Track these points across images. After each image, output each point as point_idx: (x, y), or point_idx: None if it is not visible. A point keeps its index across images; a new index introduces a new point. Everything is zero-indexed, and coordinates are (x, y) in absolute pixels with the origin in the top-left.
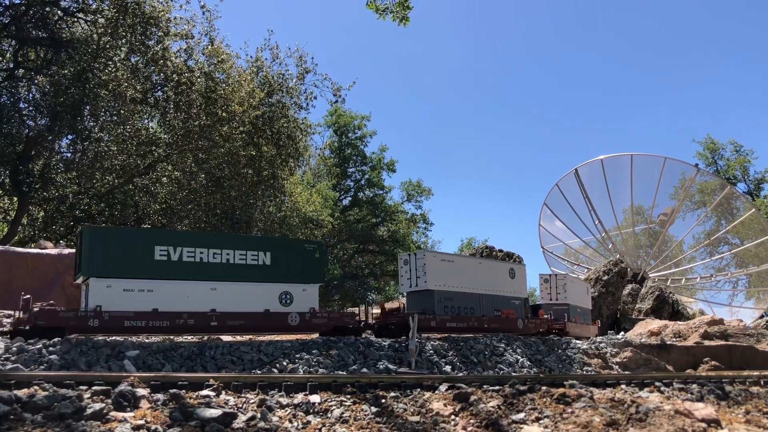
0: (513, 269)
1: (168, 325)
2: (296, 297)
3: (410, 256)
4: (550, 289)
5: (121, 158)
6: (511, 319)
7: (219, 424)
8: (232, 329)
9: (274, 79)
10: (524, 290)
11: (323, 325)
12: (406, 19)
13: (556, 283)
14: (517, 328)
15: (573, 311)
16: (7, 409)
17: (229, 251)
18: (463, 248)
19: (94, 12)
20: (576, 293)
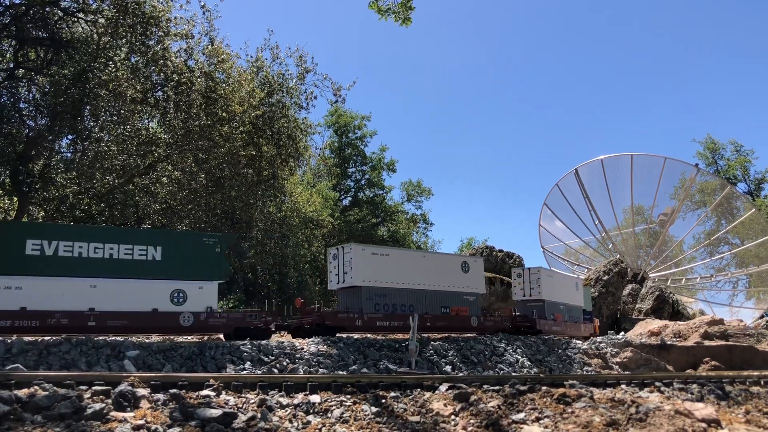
0: (467, 263)
1: (38, 325)
2: (191, 295)
3: (338, 250)
4: (523, 285)
5: (121, 158)
6: (463, 316)
7: (219, 424)
8: (113, 329)
9: (274, 79)
10: (481, 286)
11: (222, 326)
12: (408, 19)
13: (530, 277)
14: (471, 326)
15: (552, 308)
16: (7, 409)
17: (113, 245)
18: (463, 248)
19: (94, 12)
20: (557, 289)
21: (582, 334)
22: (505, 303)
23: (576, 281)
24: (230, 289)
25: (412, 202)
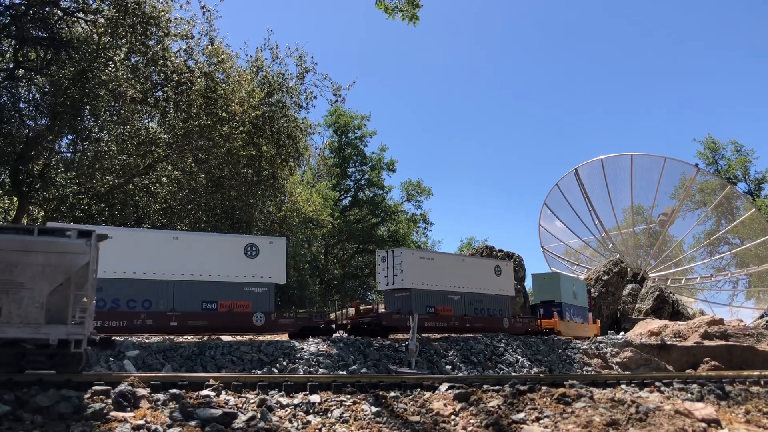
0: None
1: None
2: None
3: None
4: (387, 271)
5: (121, 158)
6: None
7: (219, 424)
8: None
9: (274, 79)
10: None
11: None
12: (415, 17)
13: (392, 262)
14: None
15: (429, 298)
16: (7, 409)
17: None
18: (463, 248)
19: (94, 12)
20: (442, 274)
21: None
22: None
23: (497, 264)
24: None
25: (412, 202)
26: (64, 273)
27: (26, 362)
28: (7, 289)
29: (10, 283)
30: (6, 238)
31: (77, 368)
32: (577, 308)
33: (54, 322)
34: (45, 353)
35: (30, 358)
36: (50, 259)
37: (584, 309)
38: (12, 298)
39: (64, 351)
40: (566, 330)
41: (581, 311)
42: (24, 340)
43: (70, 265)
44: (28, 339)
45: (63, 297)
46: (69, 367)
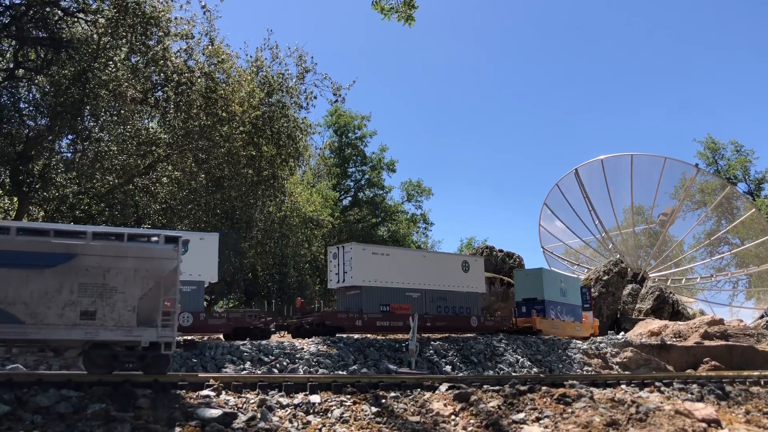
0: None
1: None
2: None
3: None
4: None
5: (121, 158)
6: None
7: (219, 424)
8: None
9: (274, 79)
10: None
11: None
12: (411, 18)
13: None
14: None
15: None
16: (8, 409)
17: None
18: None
19: (94, 12)
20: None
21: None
22: (506, 303)
23: (465, 260)
24: (230, 289)
25: (412, 202)
26: (154, 277)
27: (118, 363)
28: (101, 293)
29: (104, 288)
30: (100, 244)
31: (165, 369)
32: (566, 306)
33: (143, 324)
34: (136, 354)
35: (122, 359)
36: (141, 264)
37: (576, 307)
38: (106, 302)
39: (153, 353)
40: (550, 329)
41: (572, 309)
42: (116, 342)
43: (160, 269)
44: (121, 341)
45: (152, 301)
46: (157, 368)
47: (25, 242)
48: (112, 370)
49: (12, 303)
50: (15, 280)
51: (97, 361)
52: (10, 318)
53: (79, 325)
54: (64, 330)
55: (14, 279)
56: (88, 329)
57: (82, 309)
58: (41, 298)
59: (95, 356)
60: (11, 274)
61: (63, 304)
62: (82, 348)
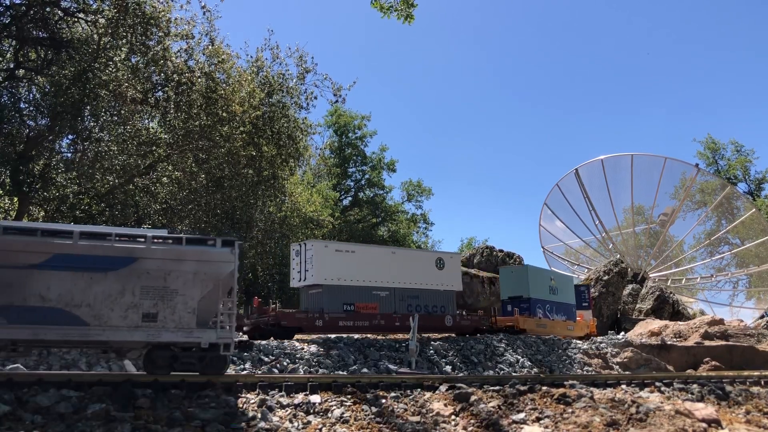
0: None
1: None
2: None
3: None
4: (300, 266)
5: (121, 158)
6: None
7: (219, 424)
8: None
9: (274, 79)
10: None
11: None
12: (410, 17)
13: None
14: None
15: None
16: (8, 409)
17: None
18: (464, 248)
19: (94, 12)
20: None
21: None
22: None
23: (440, 257)
24: None
25: (412, 202)
26: (212, 280)
27: (178, 364)
28: (162, 296)
29: (165, 290)
30: (160, 247)
31: (222, 370)
32: (556, 304)
33: (203, 326)
34: (195, 355)
35: (182, 360)
36: (200, 267)
37: (568, 306)
38: (167, 304)
39: (212, 353)
40: (536, 328)
41: (564, 308)
42: (177, 343)
43: (218, 272)
44: (181, 343)
45: (211, 303)
46: (215, 368)
47: (88, 246)
48: (172, 371)
49: (77, 305)
50: (79, 284)
51: (158, 361)
52: (75, 320)
53: (141, 327)
54: (127, 332)
55: (78, 282)
56: (150, 331)
57: (144, 311)
58: (104, 300)
59: (156, 357)
60: (75, 278)
61: (126, 306)
62: (143, 349)
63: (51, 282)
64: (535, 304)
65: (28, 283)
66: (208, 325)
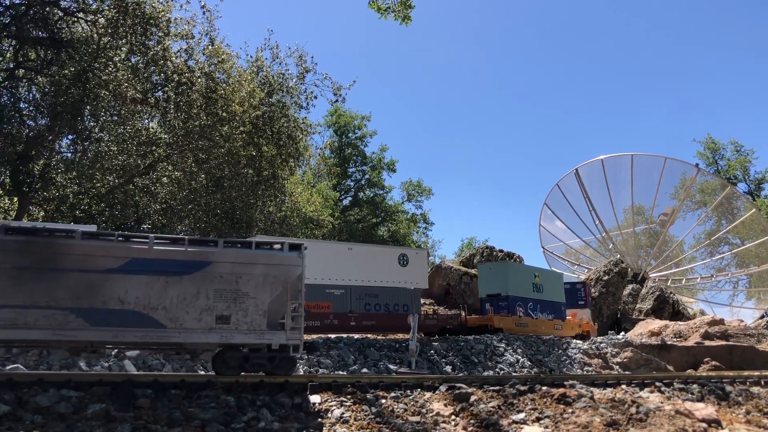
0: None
1: None
2: None
3: None
4: None
5: (121, 158)
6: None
7: (219, 425)
8: None
9: (274, 79)
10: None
11: None
12: (407, 18)
13: None
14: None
15: None
16: (8, 409)
17: None
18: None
19: (94, 12)
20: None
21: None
22: None
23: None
24: None
25: (412, 201)
26: (282, 283)
27: (249, 365)
28: (234, 299)
29: (237, 293)
30: (233, 251)
31: (291, 370)
32: (541, 303)
33: (273, 328)
34: (265, 356)
35: (253, 361)
36: (270, 270)
37: (556, 304)
38: (239, 307)
39: (281, 354)
40: (514, 327)
41: (551, 306)
42: (248, 345)
43: (287, 275)
44: (253, 344)
45: (280, 305)
46: (284, 369)
47: (163, 251)
48: (243, 371)
49: (154, 308)
50: (155, 287)
51: (230, 362)
52: (153, 323)
53: (215, 329)
54: (202, 334)
55: (155, 286)
56: (223, 333)
57: (218, 314)
58: (180, 303)
59: (228, 358)
60: (152, 281)
61: (200, 309)
62: (216, 350)
63: (129, 285)
64: (514, 302)
65: (107, 287)
66: (278, 327)
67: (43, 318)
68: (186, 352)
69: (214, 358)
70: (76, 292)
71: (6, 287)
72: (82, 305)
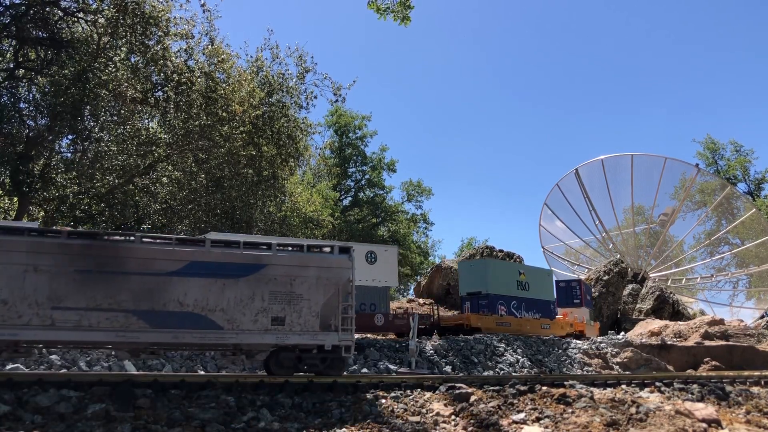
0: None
1: None
2: None
3: None
4: None
5: (121, 158)
6: None
7: (219, 425)
8: None
9: (274, 79)
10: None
11: None
12: (407, 18)
13: None
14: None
15: None
16: (8, 409)
17: None
18: (464, 248)
19: (94, 12)
20: None
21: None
22: None
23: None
24: None
25: (412, 202)
26: (333, 285)
27: (303, 365)
28: (289, 300)
29: (291, 295)
30: (286, 254)
31: (342, 371)
32: (528, 301)
33: (325, 329)
34: (318, 357)
35: (307, 361)
36: (322, 272)
37: (545, 303)
38: (293, 308)
39: (333, 355)
40: (495, 326)
41: (538, 305)
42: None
43: (339, 278)
44: (307, 345)
45: (332, 307)
46: (335, 369)
47: (220, 254)
48: (296, 371)
49: (212, 310)
50: (213, 289)
51: (284, 363)
52: (211, 324)
53: (270, 330)
54: (258, 335)
55: (212, 288)
56: (278, 334)
57: (273, 315)
58: (237, 305)
59: (283, 359)
60: (210, 284)
61: (256, 310)
62: (270, 351)
63: (188, 288)
64: (496, 300)
65: (167, 289)
66: (330, 328)
67: (106, 320)
68: (242, 353)
69: (268, 358)
70: (137, 295)
71: (70, 290)
72: (143, 307)
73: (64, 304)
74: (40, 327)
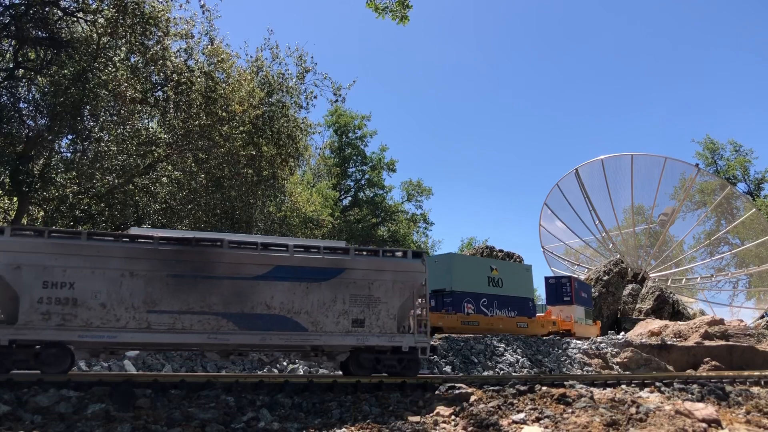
0: None
1: None
2: None
3: None
4: None
5: (121, 158)
6: None
7: (219, 425)
8: None
9: (274, 79)
10: None
11: None
12: (405, 18)
13: None
14: None
15: None
16: (8, 409)
17: None
18: (464, 248)
19: (93, 12)
20: None
21: None
22: None
23: None
24: None
25: (412, 201)
26: (409, 288)
27: (381, 366)
28: (368, 303)
29: (370, 298)
30: (364, 258)
31: (417, 372)
32: (501, 298)
33: (402, 331)
34: (395, 358)
35: (384, 362)
36: (398, 276)
37: (522, 300)
38: (372, 311)
39: (409, 356)
40: (460, 326)
41: (514, 302)
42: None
43: (414, 281)
44: (385, 346)
45: (407, 310)
46: (411, 371)
47: (303, 258)
48: (375, 372)
49: (297, 312)
50: (298, 292)
51: (364, 363)
52: (297, 326)
53: (351, 332)
54: (340, 336)
55: (297, 291)
56: (358, 336)
57: (353, 317)
58: (320, 308)
59: (363, 360)
60: (294, 287)
61: (338, 313)
62: (350, 352)
63: (274, 291)
64: (461, 298)
65: (255, 293)
66: (406, 330)
67: (198, 323)
68: (323, 355)
69: (347, 359)
70: (226, 298)
71: (164, 294)
72: (232, 310)
73: (158, 308)
74: (136, 330)
